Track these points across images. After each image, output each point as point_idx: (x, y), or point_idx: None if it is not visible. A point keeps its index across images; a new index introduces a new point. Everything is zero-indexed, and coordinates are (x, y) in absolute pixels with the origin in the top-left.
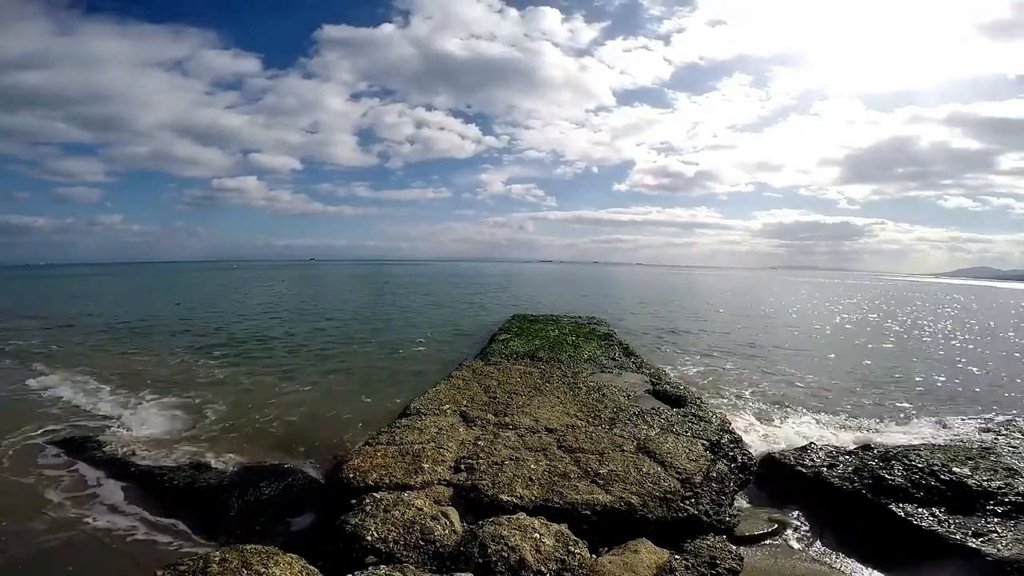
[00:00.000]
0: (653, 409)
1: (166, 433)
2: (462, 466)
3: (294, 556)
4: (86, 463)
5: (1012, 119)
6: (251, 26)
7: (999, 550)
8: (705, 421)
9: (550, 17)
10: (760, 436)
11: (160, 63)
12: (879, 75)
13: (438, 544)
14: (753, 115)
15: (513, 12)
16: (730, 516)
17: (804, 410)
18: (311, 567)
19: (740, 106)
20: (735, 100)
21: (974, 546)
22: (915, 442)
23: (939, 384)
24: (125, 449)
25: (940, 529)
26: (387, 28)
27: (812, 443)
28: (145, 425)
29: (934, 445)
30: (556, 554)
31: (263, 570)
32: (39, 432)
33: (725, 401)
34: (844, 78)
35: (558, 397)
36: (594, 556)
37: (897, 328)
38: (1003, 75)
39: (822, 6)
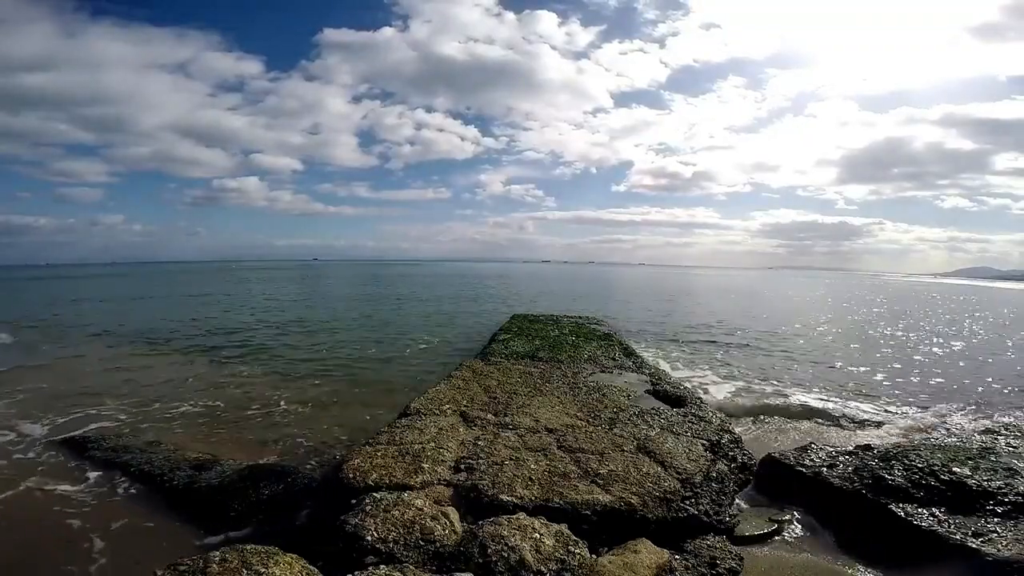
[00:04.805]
0: (653, 409)
1: (165, 433)
2: (462, 466)
3: (294, 556)
4: (84, 463)
5: (1005, 120)
6: (254, 29)
7: (999, 550)
8: (705, 421)
9: (547, 20)
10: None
11: (163, 65)
12: (872, 77)
13: (438, 544)
14: (749, 116)
15: (510, 16)
16: (730, 516)
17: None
18: (311, 567)
19: (736, 107)
20: (731, 102)
21: (974, 546)
22: (915, 441)
23: (939, 383)
24: (124, 449)
25: (940, 529)
26: (387, 31)
27: (812, 443)
28: (145, 424)
29: (934, 445)
30: (556, 554)
31: (263, 570)
32: (37, 432)
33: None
34: (838, 80)
35: (558, 397)
36: (594, 556)
37: (901, 327)
38: (994, 76)
39: (813, 9)
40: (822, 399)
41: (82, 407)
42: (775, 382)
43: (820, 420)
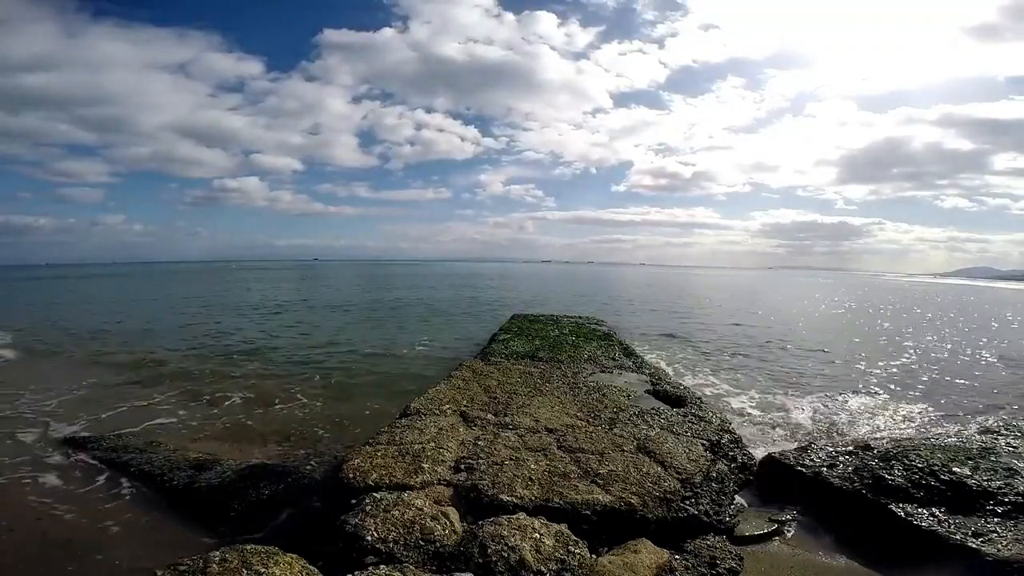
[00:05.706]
0: (653, 409)
1: (166, 433)
2: (462, 466)
3: (294, 556)
4: (85, 463)
5: (1003, 120)
6: (254, 30)
7: (999, 550)
8: (705, 421)
9: (546, 21)
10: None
11: (164, 66)
12: (870, 77)
13: (438, 544)
14: (748, 116)
15: (510, 16)
16: (730, 516)
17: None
18: (311, 567)
19: (735, 108)
20: (730, 102)
21: (974, 546)
22: (915, 441)
23: (940, 383)
24: (124, 449)
25: (940, 529)
26: (387, 32)
27: (812, 443)
28: (145, 425)
29: (934, 445)
30: (556, 554)
31: (263, 570)
32: (38, 431)
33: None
34: (837, 80)
35: (558, 397)
36: (594, 556)
37: (903, 327)
38: (992, 76)
39: (813, 10)
40: (825, 399)
41: (83, 409)
42: (783, 384)
43: (823, 420)
